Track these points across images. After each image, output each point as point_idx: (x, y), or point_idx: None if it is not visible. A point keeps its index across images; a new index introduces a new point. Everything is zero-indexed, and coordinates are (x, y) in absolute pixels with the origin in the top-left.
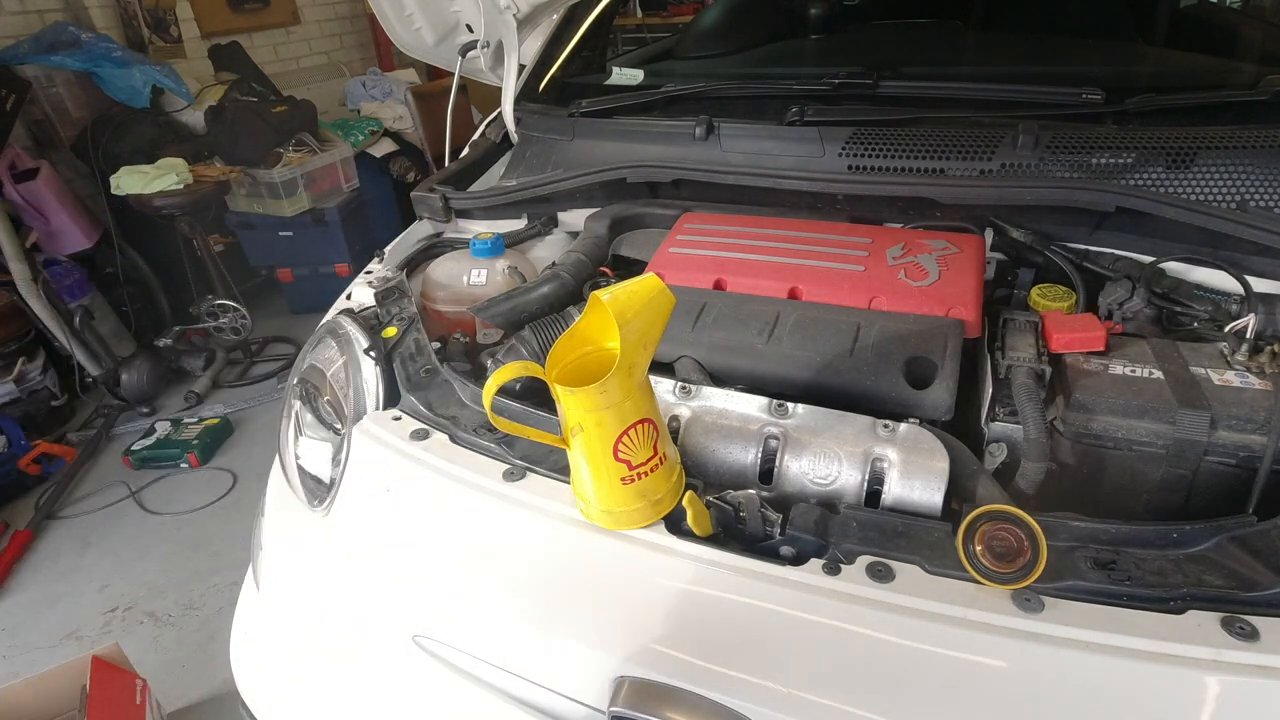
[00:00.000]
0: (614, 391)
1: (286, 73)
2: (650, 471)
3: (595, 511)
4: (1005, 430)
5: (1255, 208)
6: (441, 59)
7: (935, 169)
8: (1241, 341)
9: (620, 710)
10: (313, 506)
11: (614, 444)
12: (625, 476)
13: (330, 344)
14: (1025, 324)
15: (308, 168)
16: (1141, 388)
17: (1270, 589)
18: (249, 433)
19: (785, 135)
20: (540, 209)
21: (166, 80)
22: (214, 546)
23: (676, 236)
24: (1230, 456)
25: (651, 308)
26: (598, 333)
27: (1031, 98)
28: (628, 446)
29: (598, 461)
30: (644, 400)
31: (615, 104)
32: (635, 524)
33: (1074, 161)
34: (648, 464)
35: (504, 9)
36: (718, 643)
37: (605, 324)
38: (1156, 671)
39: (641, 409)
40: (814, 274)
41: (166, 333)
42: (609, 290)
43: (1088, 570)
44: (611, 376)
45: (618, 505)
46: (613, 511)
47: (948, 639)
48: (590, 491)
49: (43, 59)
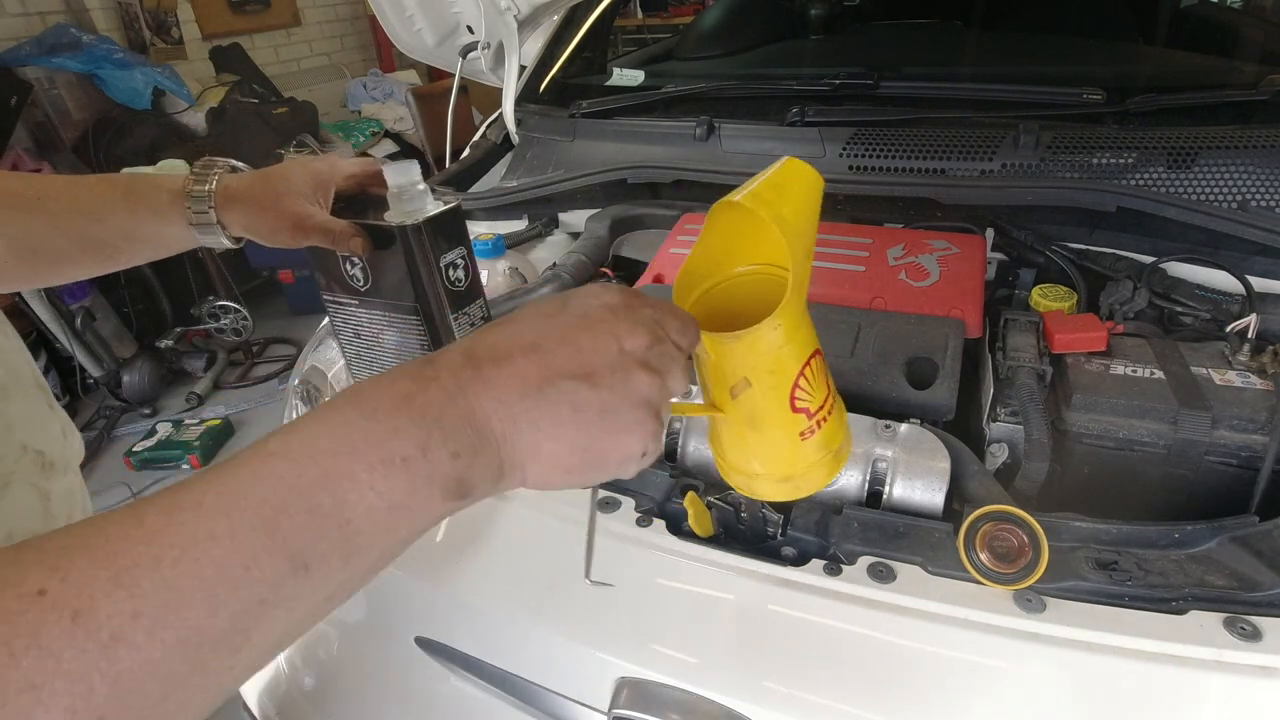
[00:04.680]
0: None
1: (287, 74)
2: (829, 415)
3: (767, 484)
4: (1006, 430)
5: (1256, 207)
6: (442, 60)
7: (936, 169)
8: (1243, 342)
9: (622, 711)
10: None
11: (790, 392)
12: (805, 429)
13: (331, 345)
14: (1026, 324)
15: None
16: (1143, 388)
17: (1272, 589)
18: (250, 434)
19: (786, 136)
20: (541, 210)
21: (168, 82)
22: None
23: (677, 237)
24: (1232, 457)
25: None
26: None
27: (1032, 98)
28: (805, 390)
29: (773, 419)
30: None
31: (616, 105)
32: (818, 485)
33: (1075, 161)
34: (825, 406)
35: (504, 10)
36: (719, 644)
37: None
38: (1158, 672)
39: (814, 337)
40: (815, 274)
41: (168, 334)
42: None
43: (1089, 570)
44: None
45: (796, 468)
46: (791, 478)
47: (949, 639)
48: (760, 460)
49: (44, 61)
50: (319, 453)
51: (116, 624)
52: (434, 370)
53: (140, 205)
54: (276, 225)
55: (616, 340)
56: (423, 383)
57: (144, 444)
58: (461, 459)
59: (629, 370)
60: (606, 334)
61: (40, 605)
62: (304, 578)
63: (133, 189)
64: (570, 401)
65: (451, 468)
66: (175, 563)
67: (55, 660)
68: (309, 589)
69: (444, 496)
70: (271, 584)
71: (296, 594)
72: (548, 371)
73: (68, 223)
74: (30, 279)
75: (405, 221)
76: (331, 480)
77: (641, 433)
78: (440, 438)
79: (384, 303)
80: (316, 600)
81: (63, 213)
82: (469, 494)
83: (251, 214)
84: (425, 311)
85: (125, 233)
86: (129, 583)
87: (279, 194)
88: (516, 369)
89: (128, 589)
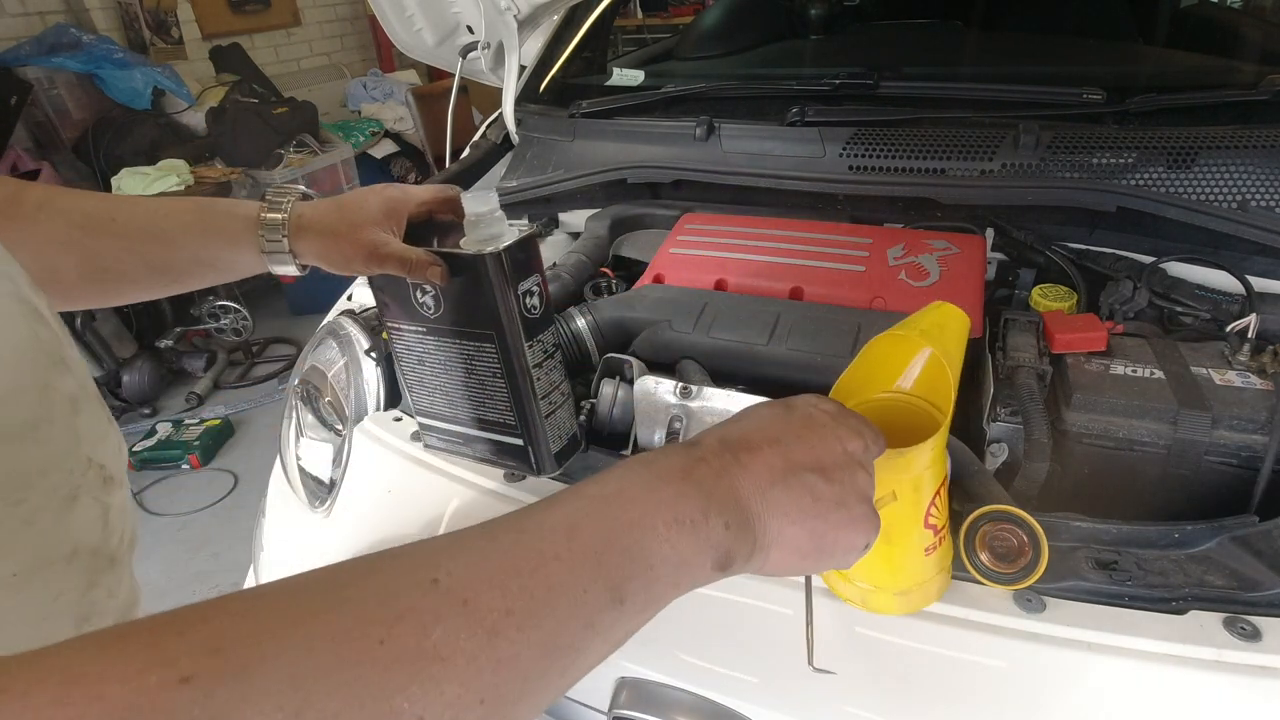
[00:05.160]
0: (939, 446)
1: (287, 74)
2: (947, 536)
3: (885, 598)
4: (1006, 430)
5: (1256, 207)
6: (442, 60)
7: (936, 169)
8: (1243, 342)
9: (622, 711)
10: (314, 507)
11: (927, 509)
12: (930, 545)
13: (331, 345)
14: (1026, 324)
15: (309, 169)
16: (1143, 388)
17: (1272, 589)
18: (250, 434)
19: (786, 135)
20: (541, 210)
21: (168, 82)
22: (215, 547)
23: (677, 237)
24: (1232, 457)
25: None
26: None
27: (1032, 98)
28: (937, 509)
29: (906, 534)
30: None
31: (616, 105)
32: (930, 601)
33: (1075, 161)
34: (946, 527)
35: (504, 10)
36: (719, 643)
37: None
38: (1158, 672)
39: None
40: (815, 274)
41: (167, 334)
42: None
43: (1089, 570)
44: (943, 428)
45: (915, 581)
46: (909, 592)
47: (949, 639)
48: (888, 572)
49: (44, 61)
50: (629, 502)
51: (494, 618)
52: (699, 451)
53: (213, 232)
54: (351, 254)
55: (840, 441)
56: (692, 460)
57: (144, 444)
58: (731, 531)
59: (853, 469)
60: (831, 435)
61: (437, 591)
62: (618, 611)
63: (206, 215)
64: (811, 491)
65: (723, 538)
66: (532, 573)
67: (455, 638)
68: (619, 623)
69: (713, 565)
70: (597, 610)
71: (612, 625)
72: (790, 463)
73: (140, 246)
74: (96, 299)
75: (484, 250)
76: (639, 528)
77: (867, 527)
78: (716, 509)
79: (456, 330)
80: (618, 637)
81: (135, 236)
82: (729, 567)
83: (325, 243)
84: (501, 340)
85: (195, 258)
86: (500, 583)
87: (354, 223)
88: (765, 458)
89: (500, 589)
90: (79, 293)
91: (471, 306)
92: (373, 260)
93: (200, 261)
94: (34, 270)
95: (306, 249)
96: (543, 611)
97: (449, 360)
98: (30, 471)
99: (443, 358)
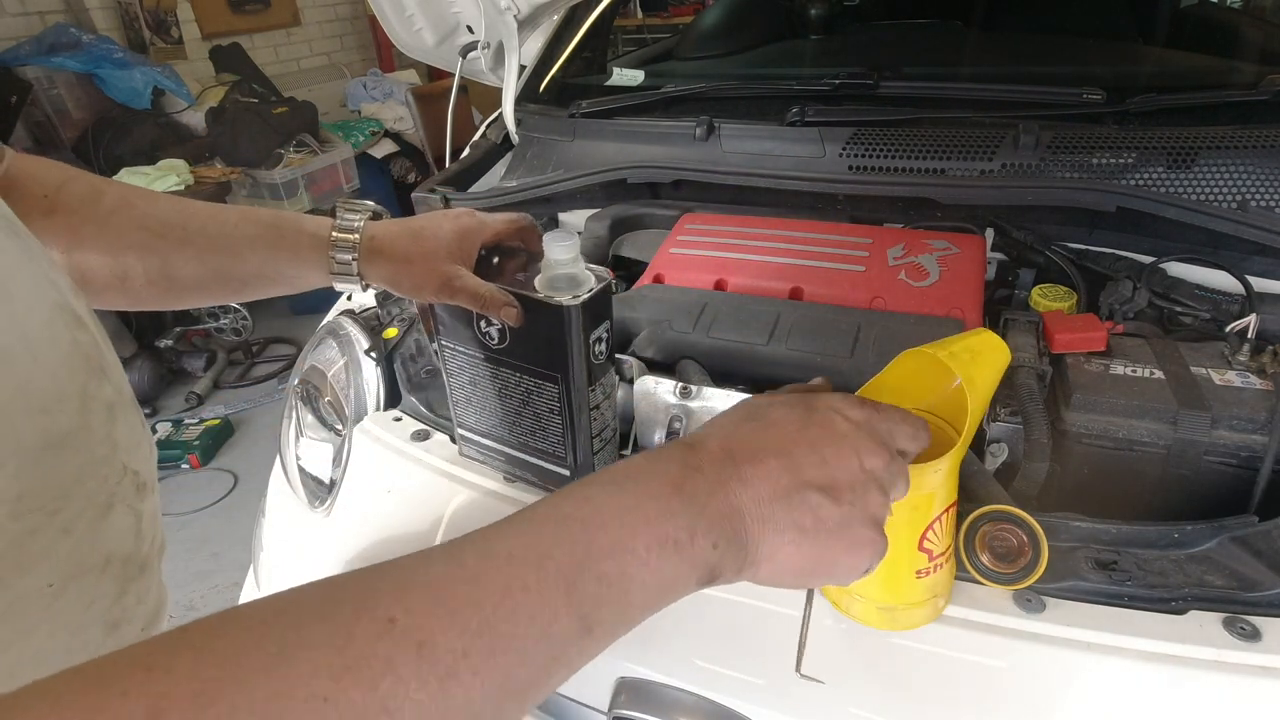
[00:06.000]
0: (946, 471)
1: (287, 74)
2: (945, 563)
3: (867, 608)
4: (1006, 430)
5: (1256, 207)
6: (442, 60)
7: (936, 169)
8: (1243, 342)
9: (622, 711)
10: (314, 507)
11: (924, 532)
12: (923, 569)
13: (331, 345)
14: (1026, 324)
15: (309, 169)
16: (1142, 388)
17: (1272, 589)
18: (250, 434)
19: (786, 135)
20: (541, 210)
21: (167, 81)
22: (215, 547)
23: (677, 237)
24: (1231, 457)
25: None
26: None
27: (1032, 98)
28: (935, 534)
29: (899, 552)
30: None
31: (616, 105)
32: (915, 624)
33: (1075, 161)
34: (945, 554)
35: (504, 10)
36: (719, 644)
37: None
38: (1158, 672)
39: (956, 490)
40: (815, 274)
41: (167, 333)
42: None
43: (1089, 570)
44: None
45: (901, 600)
46: (892, 610)
47: (949, 639)
48: (872, 584)
49: (44, 60)
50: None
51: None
52: (696, 459)
53: (282, 247)
54: (422, 283)
55: (858, 457)
56: (689, 470)
57: None
58: (719, 550)
59: (867, 490)
60: (849, 450)
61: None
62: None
63: (276, 230)
64: (814, 513)
65: (709, 556)
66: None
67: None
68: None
69: (697, 581)
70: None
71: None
72: (796, 480)
73: (209, 256)
74: (159, 302)
75: (565, 301)
76: (618, 552)
77: (870, 550)
78: (705, 527)
79: (518, 365)
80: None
81: (205, 245)
82: (715, 581)
83: (397, 269)
84: (565, 383)
85: (261, 272)
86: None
87: (427, 251)
88: (769, 472)
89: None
90: (145, 295)
91: (540, 347)
92: (444, 291)
93: (264, 276)
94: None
95: (376, 273)
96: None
97: (506, 389)
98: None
99: (500, 386)
